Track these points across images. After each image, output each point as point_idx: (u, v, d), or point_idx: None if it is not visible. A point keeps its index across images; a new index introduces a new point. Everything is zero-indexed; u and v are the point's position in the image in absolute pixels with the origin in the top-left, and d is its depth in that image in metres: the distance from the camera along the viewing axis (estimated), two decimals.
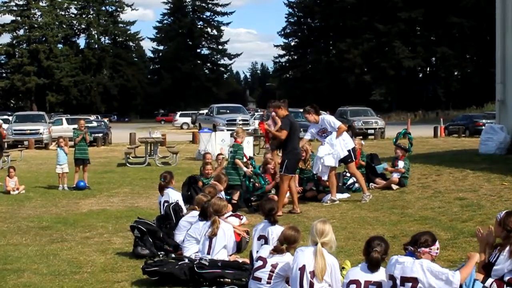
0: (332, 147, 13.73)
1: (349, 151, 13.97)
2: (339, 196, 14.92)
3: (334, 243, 6.47)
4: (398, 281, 5.86)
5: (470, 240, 9.51)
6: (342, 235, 10.17)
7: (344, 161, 14.10)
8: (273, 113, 13.47)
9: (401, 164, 16.01)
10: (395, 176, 15.82)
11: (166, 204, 10.58)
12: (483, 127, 27.15)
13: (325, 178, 14.23)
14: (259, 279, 6.81)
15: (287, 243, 6.85)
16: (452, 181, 15.81)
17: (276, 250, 6.84)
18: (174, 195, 10.82)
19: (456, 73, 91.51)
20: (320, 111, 14.64)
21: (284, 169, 13.04)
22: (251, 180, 14.52)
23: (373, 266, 5.96)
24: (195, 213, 9.41)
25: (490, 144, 21.02)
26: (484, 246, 6.68)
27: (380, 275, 5.96)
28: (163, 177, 11.12)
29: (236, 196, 13.68)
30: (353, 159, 14.23)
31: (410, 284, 5.82)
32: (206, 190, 10.30)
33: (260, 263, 6.87)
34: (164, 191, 10.99)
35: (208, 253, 8.23)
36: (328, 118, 14.28)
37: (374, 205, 13.54)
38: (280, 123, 13.06)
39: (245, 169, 14.50)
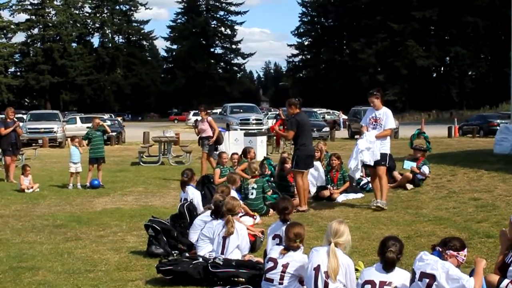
0: (370, 143, 12.91)
1: (383, 155, 13.03)
2: (353, 196, 14.89)
3: (349, 244, 6.45)
4: (417, 275, 5.89)
5: (485, 241, 9.46)
6: (356, 235, 10.14)
7: (377, 163, 13.07)
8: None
9: (426, 169, 15.98)
10: (410, 172, 15.75)
11: (181, 203, 10.62)
12: (498, 127, 26.98)
13: (357, 176, 14.01)
14: (271, 280, 6.78)
15: (299, 239, 6.85)
16: (467, 181, 15.72)
17: (290, 248, 6.82)
18: (193, 193, 10.95)
19: (470, 73, 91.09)
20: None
21: (295, 165, 13.24)
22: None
23: (388, 266, 5.94)
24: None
25: (505, 144, 20.88)
26: (506, 247, 6.62)
27: (394, 275, 5.93)
28: (185, 173, 11.27)
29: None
30: (386, 164, 13.26)
31: (427, 280, 5.81)
32: (220, 190, 10.31)
33: (271, 264, 6.84)
34: (186, 188, 11.09)
35: (222, 253, 8.21)
36: (389, 114, 13.18)
37: (388, 205, 13.48)
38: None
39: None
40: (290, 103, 13.48)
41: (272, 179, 15.51)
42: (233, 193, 10.95)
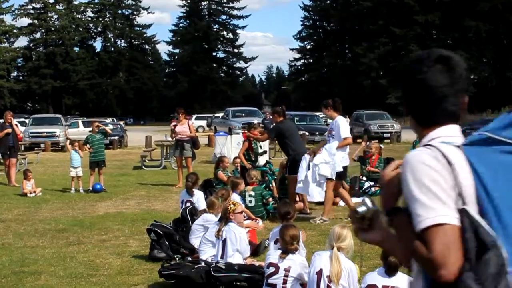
0: (330, 156, 12.39)
1: (343, 167, 12.73)
2: (355, 200, 14.87)
3: (352, 248, 6.45)
4: None
5: None
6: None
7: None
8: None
9: None
10: None
11: (183, 207, 10.64)
12: None
13: (323, 188, 12.95)
14: (273, 286, 6.78)
15: (296, 241, 6.87)
16: None
17: (288, 251, 6.83)
18: (198, 198, 11.00)
19: (472, 77, 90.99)
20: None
21: (288, 171, 13.27)
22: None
23: (391, 271, 5.92)
24: (207, 216, 9.43)
25: None
26: None
27: (397, 279, 5.92)
28: (190, 177, 11.33)
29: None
30: (334, 178, 12.52)
31: None
32: (219, 193, 10.31)
33: (272, 269, 6.84)
34: (193, 192, 11.13)
35: (222, 257, 8.21)
36: (340, 123, 12.70)
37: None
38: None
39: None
40: (274, 111, 13.55)
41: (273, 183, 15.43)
42: (236, 197, 10.95)
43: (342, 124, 12.71)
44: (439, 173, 2.26)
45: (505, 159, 2.28)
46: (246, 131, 16.67)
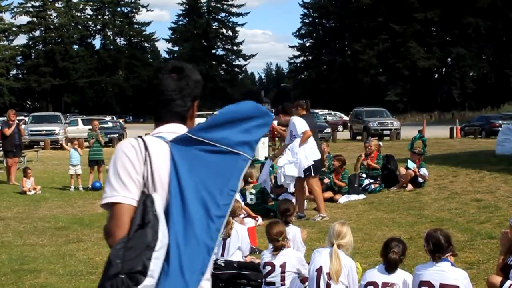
0: (293, 156, 12.18)
1: (314, 161, 12.35)
2: (355, 197, 14.87)
3: (351, 246, 6.45)
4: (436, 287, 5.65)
5: (488, 242, 9.45)
6: (358, 236, 10.12)
7: (304, 174, 12.32)
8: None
9: (424, 171, 15.95)
10: (411, 171, 15.75)
11: None
12: (500, 128, 26.98)
13: (290, 189, 12.90)
14: (272, 283, 6.80)
15: (281, 237, 6.87)
16: (469, 182, 15.70)
17: (277, 248, 6.86)
18: None
19: (471, 74, 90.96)
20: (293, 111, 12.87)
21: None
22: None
23: (391, 268, 5.90)
24: None
25: (507, 145, 20.85)
26: (506, 248, 6.58)
27: (397, 276, 5.90)
28: None
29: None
30: (312, 174, 12.37)
31: None
32: None
33: (268, 268, 6.86)
34: None
35: (222, 255, 8.19)
36: (294, 121, 12.40)
37: (390, 206, 13.48)
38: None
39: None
40: (297, 104, 13.15)
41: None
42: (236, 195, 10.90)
43: (297, 122, 12.38)
44: (130, 161, 2.64)
45: (199, 154, 2.66)
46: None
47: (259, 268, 7.65)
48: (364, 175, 16.02)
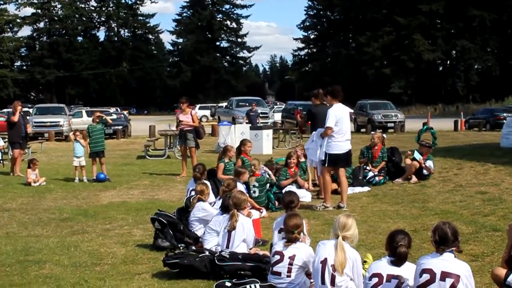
0: (316, 144, 12.63)
1: (335, 153, 12.39)
2: (359, 189, 14.86)
3: (356, 238, 6.44)
4: (438, 275, 5.64)
5: (492, 234, 9.43)
6: (363, 228, 10.12)
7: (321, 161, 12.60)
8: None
9: (431, 164, 15.91)
10: (416, 162, 15.71)
11: (187, 196, 10.64)
12: (504, 121, 26.92)
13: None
14: (278, 274, 6.79)
15: (297, 230, 6.88)
16: (474, 175, 15.67)
17: (291, 240, 6.85)
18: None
19: (476, 66, 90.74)
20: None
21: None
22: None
23: (400, 261, 5.87)
24: (202, 205, 9.56)
25: None
26: None
27: (403, 269, 5.88)
28: (197, 168, 11.36)
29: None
30: (326, 164, 12.54)
31: (452, 280, 5.61)
32: (226, 183, 10.28)
33: (277, 257, 6.86)
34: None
35: (227, 247, 8.19)
36: (329, 112, 12.39)
37: (394, 198, 13.47)
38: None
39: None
40: (311, 94, 13.82)
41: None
42: (240, 187, 10.92)
43: (332, 112, 12.43)
44: None
45: None
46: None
47: (263, 260, 7.65)
48: (368, 168, 16.02)
